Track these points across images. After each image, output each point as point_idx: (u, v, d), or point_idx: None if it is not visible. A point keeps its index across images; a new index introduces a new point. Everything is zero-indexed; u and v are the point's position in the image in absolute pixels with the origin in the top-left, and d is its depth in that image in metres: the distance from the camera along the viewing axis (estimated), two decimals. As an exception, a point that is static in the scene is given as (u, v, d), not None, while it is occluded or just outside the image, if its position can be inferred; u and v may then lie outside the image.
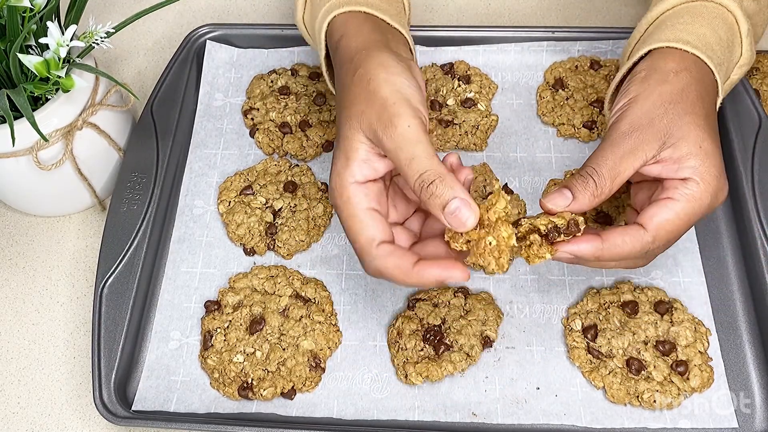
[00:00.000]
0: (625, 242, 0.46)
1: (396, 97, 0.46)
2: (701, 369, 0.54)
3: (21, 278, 0.64)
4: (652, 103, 0.49)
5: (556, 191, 0.47)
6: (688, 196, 0.47)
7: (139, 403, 0.55)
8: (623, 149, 0.47)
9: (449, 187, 0.43)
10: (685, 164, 0.47)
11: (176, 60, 0.71)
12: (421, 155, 0.44)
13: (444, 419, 0.54)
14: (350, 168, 0.47)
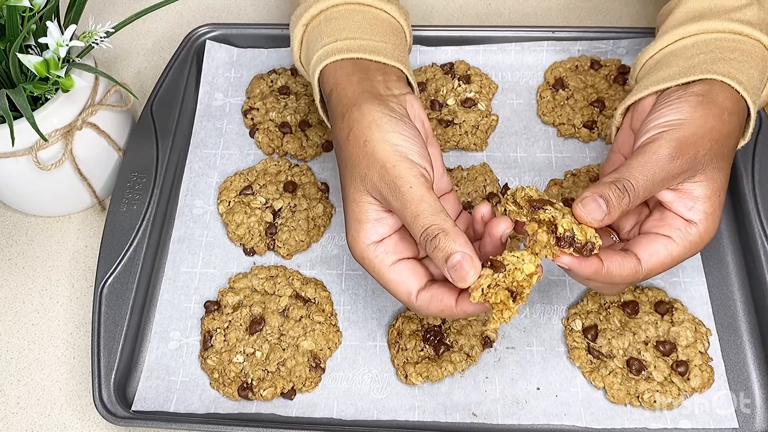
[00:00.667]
0: (621, 272, 0.46)
1: (395, 158, 0.46)
2: (701, 369, 0.54)
3: (21, 278, 0.64)
4: (703, 134, 0.48)
5: (591, 200, 0.45)
6: (687, 242, 0.48)
7: (138, 403, 0.55)
8: (664, 173, 0.46)
9: (452, 240, 0.44)
10: (698, 206, 0.48)
11: (176, 60, 0.71)
12: (424, 212, 0.45)
13: (444, 419, 0.54)
14: (364, 231, 0.48)
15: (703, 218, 0.48)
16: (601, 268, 0.46)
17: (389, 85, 0.53)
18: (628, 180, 0.46)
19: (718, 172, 0.48)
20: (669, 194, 0.48)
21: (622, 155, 0.55)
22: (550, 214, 0.45)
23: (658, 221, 0.49)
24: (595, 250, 0.45)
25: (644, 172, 0.46)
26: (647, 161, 0.47)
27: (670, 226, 0.48)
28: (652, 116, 0.50)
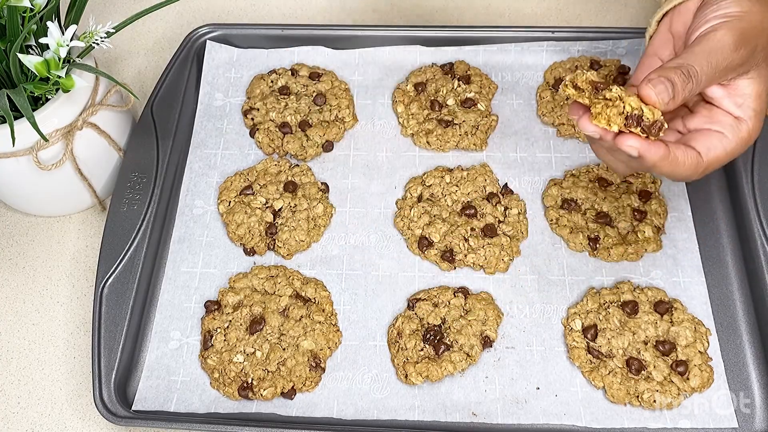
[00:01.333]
0: (685, 163, 0.47)
1: None
2: (701, 369, 0.54)
3: (21, 278, 0.64)
4: (763, 29, 0.47)
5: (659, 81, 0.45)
6: (739, 138, 0.48)
7: (139, 403, 0.55)
8: (726, 63, 0.46)
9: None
10: (748, 103, 0.48)
11: (176, 60, 0.71)
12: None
13: (444, 419, 0.54)
14: None
15: (753, 115, 0.48)
16: (668, 154, 0.46)
17: None
18: (693, 66, 0.45)
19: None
20: (719, 90, 0.48)
21: (659, 59, 0.53)
22: (617, 93, 0.44)
23: (706, 119, 0.49)
24: (662, 132, 0.44)
25: (709, 60, 0.46)
26: (711, 49, 0.46)
27: (721, 122, 0.48)
28: (710, 9, 0.49)
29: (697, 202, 0.63)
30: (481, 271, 0.60)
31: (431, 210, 0.62)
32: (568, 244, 0.61)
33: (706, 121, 0.49)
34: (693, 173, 0.48)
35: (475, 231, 0.61)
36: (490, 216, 0.62)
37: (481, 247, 0.60)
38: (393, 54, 0.72)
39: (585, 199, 0.62)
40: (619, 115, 0.44)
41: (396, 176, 0.66)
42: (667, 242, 0.61)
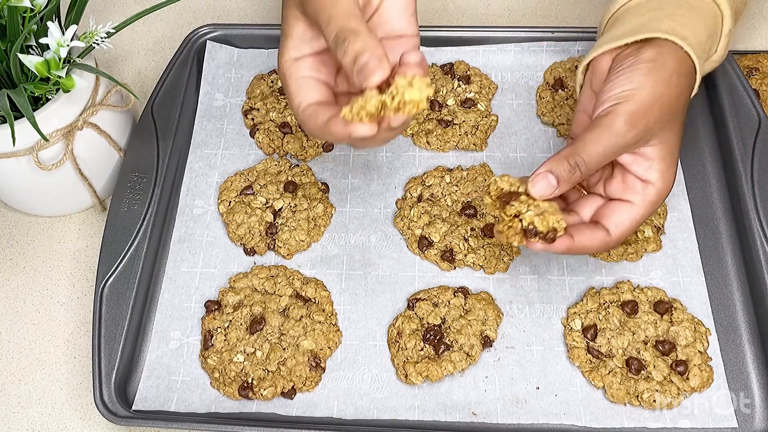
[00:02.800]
0: (592, 243, 0.50)
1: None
2: (701, 369, 0.54)
3: (21, 278, 0.64)
4: (653, 102, 0.49)
5: (541, 177, 0.48)
6: (647, 202, 0.51)
7: (139, 402, 0.55)
8: (617, 147, 0.49)
9: (362, 42, 0.42)
10: (654, 166, 0.50)
11: (176, 60, 0.71)
12: (337, 15, 0.44)
13: (444, 419, 0.54)
14: (286, 46, 0.48)
15: (659, 177, 0.50)
16: (572, 245, 0.50)
17: None
18: (580, 156, 0.49)
19: (670, 134, 0.51)
20: (627, 157, 0.51)
21: (587, 115, 0.55)
22: (515, 209, 0.49)
23: (620, 184, 0.52)
24: (560, 233, 0.48)
25: (597, 148, 0.49)
26: (601, 136, 0.49)
27: (630, 189, 0.51)
28: (608, 85, 0.51)
29: (697, 202, 0.63)
30: (481, 271, 0.60)
31: (431, 210, 0.62)
32: (568, 244, 0.61)
33: (619, 187, 0.52)
34: (605, 249, 0.52)
35: (475, 231, 0.61)
36: (490, 216, 0.62)
37: (481, 247, 0.60)
38: (393, 54, 0.72)
39: (585, 199, 0.62)
40: (516, 234, 0.49)
41: (396, 176, 0.66)
42: (667, 242, 0.61)
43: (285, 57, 0.48)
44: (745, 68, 0.70)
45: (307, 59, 0.48)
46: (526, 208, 0.48)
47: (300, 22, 0.47)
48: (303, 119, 0.47)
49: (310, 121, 0.46)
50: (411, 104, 0.42)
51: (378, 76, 0.42)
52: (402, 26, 0.50)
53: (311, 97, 0.47)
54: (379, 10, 0.49)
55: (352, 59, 0.42)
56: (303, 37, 0.48)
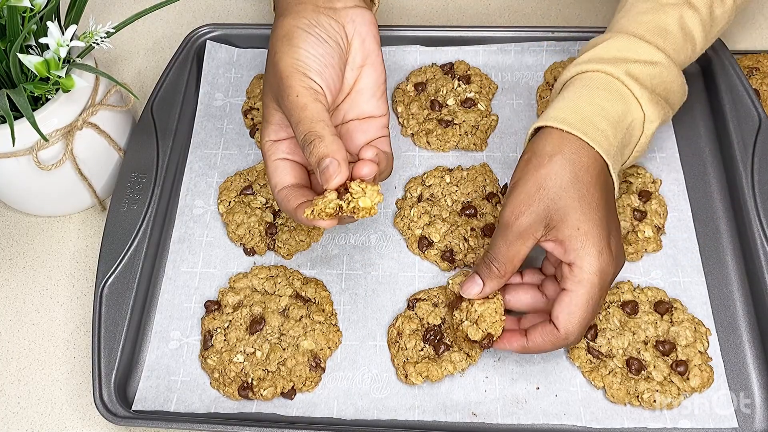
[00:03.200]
0: (545, 341, 0.51)
1: (290, 70, 0.49)
2: (701, 369, 0.54)
3: (21, 278, 0.64)
4: (528, 189, 0.51)
5: (469, 279, 0.53)
6: (577, 284, 0.50)
7: (139, 403, 0.55)
8: (512, 235, 0.51)
9: (326, 146, 0.46)
10: (569, 247, 0.50)
11: (176, 60, 0.71)
12: (305, 119, 0.47)
13: (444, 419, 0.54)
14: (267, 130, 0.52)
15: (576, 255, 0.50)
16: (526, 346, 0.52)
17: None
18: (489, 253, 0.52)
19: (565, 213, 0.50)
20: (548, 245, 0.52)
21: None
22: (458, 318, 0.53)
23: (560, 272, 0.52)
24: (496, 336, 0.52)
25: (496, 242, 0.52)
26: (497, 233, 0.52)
27: (565, 277, 0.51)
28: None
29: (697, 202, 0.63)
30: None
31: (431, 210, 0.62)
32: (568, 244, 0.61)
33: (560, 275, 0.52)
34: (561, 345, 0.51)
35: (475, 231, 0.61)
36: (490, 216, 0.62)
37: (481, 247, 0.60)
38: (393, 54, 0.72)
39: (585, 199, 0.62)
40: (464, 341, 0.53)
41: (396, 176, 0.66)
42: (667, 242, 0.61)
43: (265, 139, 0.52)
44: (746, 68, 0.70)
45: (284, 142, 0.52)
46: (466, 316, 0.53)
47: (277, 113, 0.51)
48: (278, 200, 0.51)
49: (283, 203, 0.51)
50: (364, 211, 0.47)
51: (336, 181, 0.46)
52: (371, 108, 0.54)
53: (286, 179, 0.51)
54: (351, 95, 0.54)
55: (316, 161, 0.47)
56: (280, 124, 0.52)
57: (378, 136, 0.54)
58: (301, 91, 0.48)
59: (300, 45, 0.50)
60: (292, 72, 0.49)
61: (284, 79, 0.49)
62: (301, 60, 0.50)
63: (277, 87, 0.50)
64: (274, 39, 0.52)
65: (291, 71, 0.49)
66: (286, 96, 0.49)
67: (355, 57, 0.53)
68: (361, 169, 0.48)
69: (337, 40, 0.52)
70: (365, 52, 0.54)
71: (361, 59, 0.54)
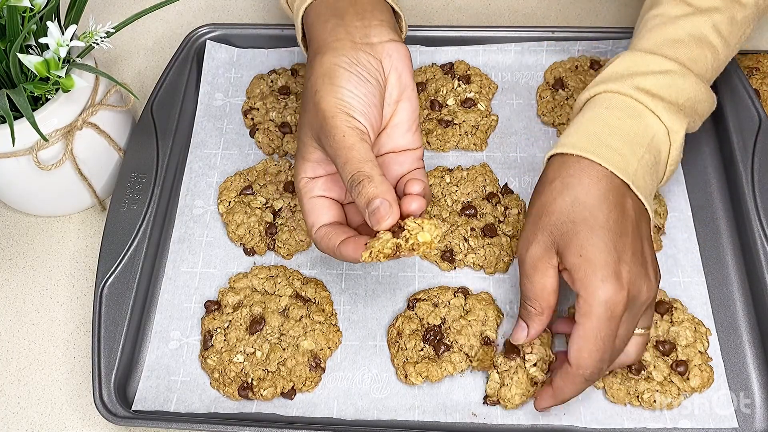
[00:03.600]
0: (566, 384, 0.49)
1: (334, 110, 0.48)
2: (701, 369, 0.54)
3: (21, 278, 0.64)
4: (533, 218, 0.51)
5: (515, 327, 0.52)
6: (583, 316, 0.47)
7: (139, 403, 0.55)
8: (528, 270, 0.50)
9: (375, 186, 0.46)
10: (574, 276, 0.48)
11: (176, 60, 0.71)
12: (353, 159, 0.47)
13: (444, 419, 0.54)
14: (303, 167, 0.52)
15: (581, 285, 0.48)
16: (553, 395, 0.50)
17: (368, 32, 0.53)
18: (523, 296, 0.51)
19: (570, 236, 0.49)
20: (564, 274, 0.50)
21: None
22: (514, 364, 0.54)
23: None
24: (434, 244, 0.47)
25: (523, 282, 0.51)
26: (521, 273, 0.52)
27: (576, 309, 0.49)
28: None
29: (697, 202, 0.63)
30: (481, 271, 0.60)
31: (431, 210, 0.62)
32: (568, 244, 0.61)
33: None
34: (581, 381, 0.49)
35: (475, 231, 0.61)
36: (490, 216, 0.62)
37: (481, 247, 0.60)
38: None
39: (585, 199, 0.62)
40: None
41: (396, 176, 0.66)
42: (667, 242, 0.61)
43: (301, 176, 0.52)
44: (746, 68, 0.70)
45: (320, 179, 0.52)
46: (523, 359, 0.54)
47: (317, 151, 0.51)
48: (316, 239, 0.51)
49: (322, 242, 0.50)
50: (425, 245, 0.46)
51: (388, 222, 0.45)
52: (407, 142, 0.54)
53: (323, 218, 0.51)
54: (387, 129, 0.53)
55: (365, 202, 0.46)
56: (319, 162, 0.51)
57: (414, 168, 0.53)
58: (347, 131, 0.48)
59: (342, 84, 0.49)
60: (336, 112, 0.48)
61: (328, 119, 0.48)
62: (345, 100, 0.49)
63: (320, 127, 0.49)
64: (314, 77, 0.50)
65: (335, 111, 0.48)
66: (331, 136, 0.48)
67: (392, 92, 0.53)
68: (410, 205, 0.47)
69: (377, 77, 0.51)
70: (401, 86, 0.53)
71: (398, 94, 0.53)
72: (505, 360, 0.54)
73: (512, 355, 0.54)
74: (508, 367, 0.54)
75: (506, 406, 0.53)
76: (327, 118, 0.48)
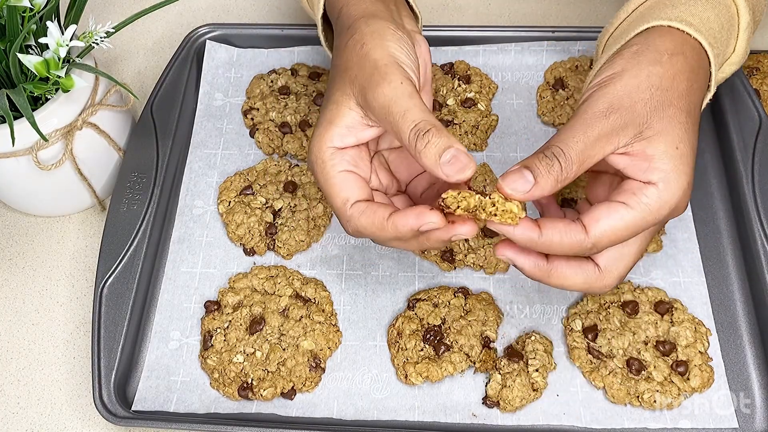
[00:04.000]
0: (562, 242, 0.42)
1: (388, 59, 0.45)
2: (701, 369, 0.54)
3: (21, 278, 0.64)
4: (638, 83, 0.44)
5: (515, 171, 0.42)
6: (646, 207, 0.42)
7: (139, 403, 0.55)
8: (597, 131, 0.42)
9: (446, 136, 0.41)
10: (655, 165, 0.43)
11: (176, 60, 0.71)
12: (415, 108, 0.42)
13: (444, 420, 0.54)
14: (330, 133, 0.46)
15: (663, 177, 0.42)
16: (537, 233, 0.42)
17: (401, 15, 0.51)
18: (557, 146, 0.42)
19: (669, 123, 0.43)
20: (622, 159, 0.44)
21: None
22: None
23: (617, 189, 0.44)
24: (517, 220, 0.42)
25: (574, 134, 0.42)
26: (577, 123, 0.43)
27: (626, 191, 0.43)
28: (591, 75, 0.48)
29: (697, 202, 0.63)
30: (481, 271, 0.60)
31: (431, 210, 0.62)
32: (568, 244, 0.61)
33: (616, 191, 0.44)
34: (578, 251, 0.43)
35: (475, 231, 0.61)
36: (490, 216, 0.62)
37: (481, 247, 0.60)
38: (393, 54, 0.72)
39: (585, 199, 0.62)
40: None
41: (396, 176, 0.66)
42: (667, 242, 0.61)
43: (327, 144, 0.46)
44: (746, 68, 0.70)
45: (349, 150, 0.46)
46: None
47: (352, 112, 0.45)
48: (352, 214, 0.45)
49: (363, 217, 0.44)
50: (509, 214, 0.41)
51: (470, 172, 0.40)
52: None
53: (357, 193, 0.45)
54: None
55: (439, 151, 0.41)
56: (351, 127, 0.46)
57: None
58: (404, 80, 0.43)
59: (393, 41, 0.46)
60: (390, 61, 0.44)
61: (382, 67, 0.44)
62: (397, 54, 0.45)
63: (369, 77, 0.44)
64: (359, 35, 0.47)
65: (389, 60, 0.44)
66: (387, 83, 0.43)
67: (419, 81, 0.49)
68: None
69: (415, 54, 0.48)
70: (425, 78, 0.50)
71: (421, 85, 0.49)
72: (507, 362, 0.54)
73: (515, 358, 0.54)
74: (510, 370, 0.54)
75: (505, 408, 0.53)
76: (380, 66, 0.44)
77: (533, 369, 0.54)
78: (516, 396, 0.53)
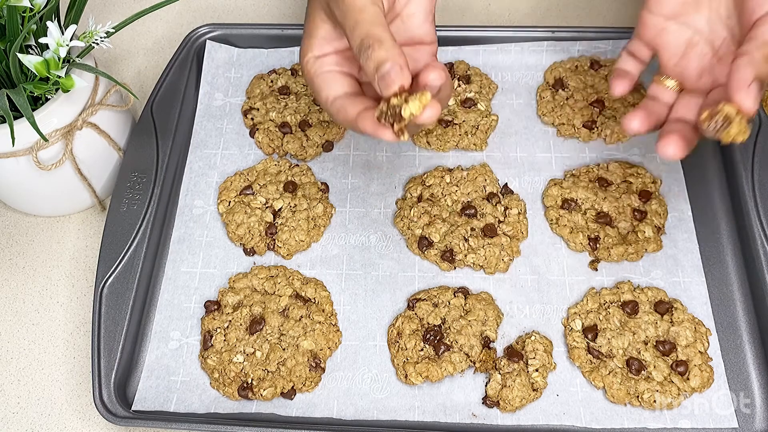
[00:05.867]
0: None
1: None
2: (701, 369, 0.54)
3: (21, 278, 0.64)
4: None
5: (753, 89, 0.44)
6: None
7: (139, 403, 0.55)
8: None
9: (385, 50, 0.43)
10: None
11: (176, 60, 0.71)
12: (364, 21, 0.44)
13: (444, 420, 0.54)
14: (309, 45, 0.49)
15: None
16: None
17: None
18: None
19: None
20: None
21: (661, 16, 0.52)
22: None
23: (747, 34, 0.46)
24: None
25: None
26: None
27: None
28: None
29: (698, 202, 0.63)
30: (481, 271, 0.60)
31: (431, 210, 0.62)
32: (568, 244, 0.61)
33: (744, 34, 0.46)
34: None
35: (475, 231, 0.61)
36: (490, 216, 0.62)
37: (481, 247, 0.60)
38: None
39: (585, 199, 0.62)
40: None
41: (396, 176, 0.66)
42: (667, 242, 0.61)
43: (308, 56, 0.49)
44: (746, 68, 0.70)
45: (329, 56, 0.49)
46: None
47: (325, 24, 0.48)
48: (332, 112, 0.47)
49: (339, 114, 0.47)
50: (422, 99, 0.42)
51: (395, 86, 0.42)
52: (422, 34, 0.51)
53: (337, 89, 0.48)
54: (402, 17, 0.50)
55: (375, 66, 0.43)
56: (326, 38, 0.48)
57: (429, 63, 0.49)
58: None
59: None
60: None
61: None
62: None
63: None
64: None
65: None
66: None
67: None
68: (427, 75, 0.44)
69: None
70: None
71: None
72: (507, 362, 0.54)
73: (514, 358, 0.54)
74: (510, 370, 0.54)
75: (505, 408, 0.53)
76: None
77: (533, 369, 0.54)
78: (516, 396, 0.53)
